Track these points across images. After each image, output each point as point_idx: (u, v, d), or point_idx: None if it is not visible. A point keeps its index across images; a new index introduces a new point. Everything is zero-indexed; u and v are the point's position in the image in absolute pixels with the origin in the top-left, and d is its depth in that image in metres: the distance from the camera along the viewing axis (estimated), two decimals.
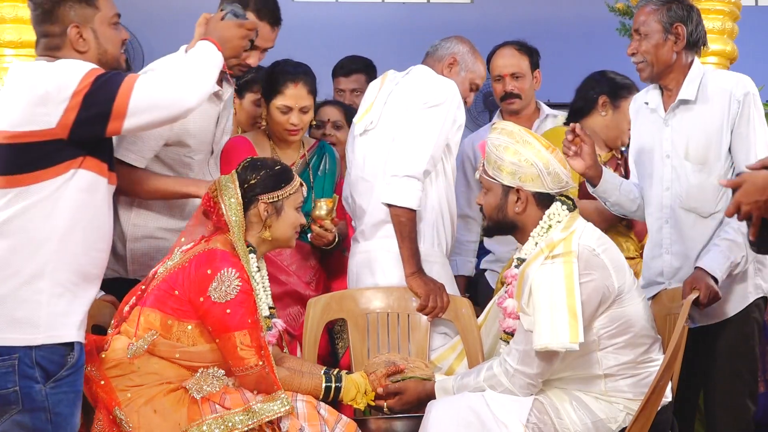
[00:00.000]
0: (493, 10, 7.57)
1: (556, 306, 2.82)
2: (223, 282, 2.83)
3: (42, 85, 2.46)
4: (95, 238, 2.56)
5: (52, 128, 2.44)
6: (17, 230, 2.45)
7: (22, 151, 2.45)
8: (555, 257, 2.88)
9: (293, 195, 3.04)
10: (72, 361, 2.49)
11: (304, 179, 3.55)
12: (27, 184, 2.45)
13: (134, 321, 2.90)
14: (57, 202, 2.46)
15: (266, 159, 3.15)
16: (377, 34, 7.26)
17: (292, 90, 3.58)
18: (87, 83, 2.45)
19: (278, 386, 2.84)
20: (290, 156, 3.68)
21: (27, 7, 4.37)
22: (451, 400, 2.96)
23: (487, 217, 3.12)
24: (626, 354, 2.93)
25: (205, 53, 2.74)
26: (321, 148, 3.80)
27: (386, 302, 3.47)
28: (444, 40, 3.68)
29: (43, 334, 2.44)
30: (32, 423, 2.42)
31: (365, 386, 3.11)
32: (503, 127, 3.10)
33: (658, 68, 3.30)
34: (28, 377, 2.42)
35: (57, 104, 2.43)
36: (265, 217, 2.99)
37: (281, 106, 3.58)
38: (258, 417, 2.76)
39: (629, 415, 2.89)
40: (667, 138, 3.32)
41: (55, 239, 2.46)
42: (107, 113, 2.46)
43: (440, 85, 3.50)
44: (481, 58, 3.69)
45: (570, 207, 3.04)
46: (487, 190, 3.09)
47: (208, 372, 2.84)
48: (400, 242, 3.37)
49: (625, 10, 5.54)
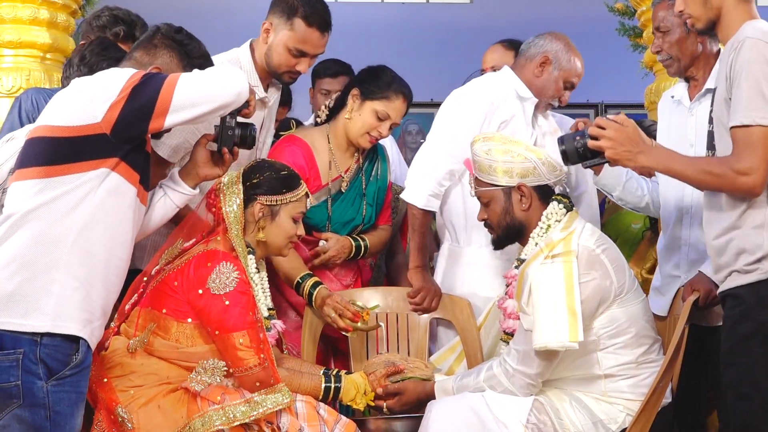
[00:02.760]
0: (492, 10, 7.58)
1: (556, 305, 2.82)
2: (221, 274, 2.83)
3: (94, 84, 2.58)
4: (115, 244, 2.58)
5: (97, 122, 2.51)
6: (40, 219, 2.49)
7: (62, 145, 2.52)
8: (554, 257, 2.88)
9: (293, 203, 3.02)
10: (77, 360, 2.50)
11: (356, 185, 3.57)
12: (59, 174, 2.51)
13: (133, 322, 2.91)
14: (83, 198, 2.51)
15: (276, 162, 3.14)
16: (377, 34, 7.26)
17: (398, 103, 3.49)
18: (134, 81, 2.54)
19: (278, 380, 2.83)
20: (346, 160, 3.59)
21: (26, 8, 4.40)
22: (451, 401, 2.96)
23: (495, 228, 3.09)
24: (626, 354, 2.93)
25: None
26: (374, 152, 3.69)
27: (386, 302, 3.46)
28: (537, 37, 3.59)
29: (49, 323, 2.45)
30: (31, 419, 2.44)
31: (365, 386, 3.10)
32: (484, 137, 3.13)
33: (684, 62, 3.29)
34: (31, 373, 2.44)
35: (104, 100, 2.52)
36: (258, 217, 2.99)
37: (382, 111, 3.48)
38: (260, 408, 2.75)
39: (629, 415, 2.89)
40: (692, 127, 3.30)
41: (73, 233, 2.50)
42: (151, 108, 2.52)
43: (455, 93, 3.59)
44: (578, 54, 3.57)
45: (567, 206, 3.05)
46: (488, 202, 3.08)
47: (207, 363, 2.84)
48: (410, 235, 3.46)
49: (625, 10, 5.54)
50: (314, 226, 3.50)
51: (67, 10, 4.57)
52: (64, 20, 4.53)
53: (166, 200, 2.83)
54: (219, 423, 2.71)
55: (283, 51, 3.33)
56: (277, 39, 3.33)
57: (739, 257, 2.60)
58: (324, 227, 3.52)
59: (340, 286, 3.54)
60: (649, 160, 2.67)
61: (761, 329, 2.55)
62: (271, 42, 3.34)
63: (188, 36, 2.83)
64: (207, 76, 2.62)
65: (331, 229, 3.52)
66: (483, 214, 3.12)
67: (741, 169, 2.54)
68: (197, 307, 2.83)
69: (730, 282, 2.64)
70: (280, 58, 3.34)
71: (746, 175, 2.54)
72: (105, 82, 2.56)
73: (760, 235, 2.57)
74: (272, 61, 3.36)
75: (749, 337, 2.57)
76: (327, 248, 3.47)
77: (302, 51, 3.33)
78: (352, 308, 3.23)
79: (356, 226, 3.56)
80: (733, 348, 2.62)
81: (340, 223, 3.54)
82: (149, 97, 2.52)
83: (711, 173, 2.60)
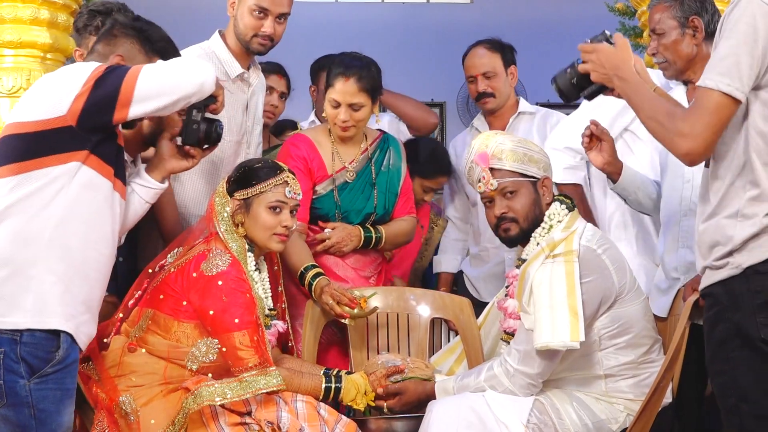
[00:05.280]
0: (492, 10, 7.57)
1: (557, 305, 2.82)
2: (214, 258, 2.86)
3: (58, 78, 2.60)
4: (93, 238, 2.58)
5: (62, 115, 2.52)
6: (16, 216, 2.49)
7: (30, 140, 2.54)
8: (556, 257, 2.88)
9: (264, 194, 3.02)
10: (59, 357, 2.50)
11: (365, 175, 3.55)
12: (30, 170, 2.51)
13: (134, 321, 2.91)
14: (57, 193, 2.51)
15: (255, 159, 3.18)
16: (377, 34, 7.25)
17: (341, 85, 3.46)
18: (97, 73, 2.55)
19: (270, 363, 2.83)
20: (351, 151, 3.58)
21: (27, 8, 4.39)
22: (451, 401, 2.96)
23: (521, 221, 3.03)
24: (627, 354, 2.93)
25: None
26: (384, 142, 3.66)
27: (386, 302, 3.46)
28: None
29: (30, 319, 2.46)
30: (16, 417, 2.44)
31: (365, 386, 3.10)
32: (495, 132, 3.18)
33: (681, 64, 3.25)
34: (13, 372, 2.44)
35: (69, 93, 2.53)
36: (234, 213, 3.01)
37: (331, 99, 3.48)
38: (251, 388, 2.76)
39: (630, 415, 2.89)
40: None
41: (50, 228, 2.50)
42: (114, 99, 2.53)
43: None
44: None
45: (569, 206, 3.05)
46: (513, 192, 3.02)
47: (201, 342, 2.84)
48: None
49: (625, 10, 5.53)
50: (323, 216, 3.53)
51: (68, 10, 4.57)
52: (65, 20, 4.52)
53: (134, 196, 2.82)
54: (208, 399, 2.72)
55: (246, 14, 3.44)
56: (240, 7, 3.45)
57: (712, 250, 2.36)
58: (333, 217, 3.53)
59: (357, 276, 3.55)
60: (620, 85, 2.56)
61: (737, 332, 2.30)
62: (237, 12, 3.46)
63: (147, 22, 2.86)
64: (170, 67, 2.63)
65: (341, 218, 3.53)
66: (502, 208, 3.04)
67: (682, 129, 2.33)
68: (196, 305, 2.84)
69: (705, 280, 2.40)
70: (246, 22, 3.45)
71: (683, 137, 2.33)
72: (69, 75, 2.58)
73: (733, 226, 2.33)
74: (240, 30, 3.47)
75: (725, 341, 2.33)
76: (329, 235, 3.49)
77: (263, 8, 3.42)
78: (349, 295, 3.23)
79: (368, 214, 3.56)
80: (713, 356, 2.38)
81: (351, 211, 3.55)
82: (112, 88, 2.53)
83: (657, 121, 2.42)
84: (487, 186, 3.04)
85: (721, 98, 2.30)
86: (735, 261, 2.31)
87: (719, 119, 2.32)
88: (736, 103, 2.30)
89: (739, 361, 2.30)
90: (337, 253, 3.52)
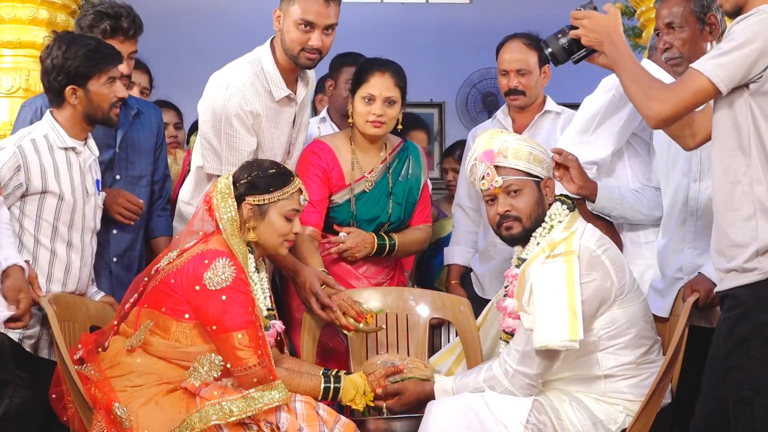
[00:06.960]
0: (492, 10, 7.55)
1: (556, 304, 2.82)
2: (217, 270, 2.83)
3: None
4: None
5: None
6: None
7: None
8: (556, 257, 2.88)
9: (282, 201, 3.00)
10: None
11: (382, 185, 3.56)
12: None
13: (133, 322, 2.91)
14: None
15: (265, 161, 3.13)
16: (377, 34, 7.24)
17: (377, 79, 3.47)
18: None
19: (276, 377, 2.83)
20: (371, 159, 3.58)
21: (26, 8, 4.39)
22: (451, 401, 2.95)
23: (525, 220, 3.00)
24: (626, 355, 2.93)
25: None
26: (404, 151, 3.65)
27: (386, 302, 3.46)
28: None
29: None
30: None
31: (364, 387, 3.10)
32: (500, 130, 3.16)
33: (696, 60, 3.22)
34: None
35: None
36: (248, 218, 2.99)
37: (366, 94, 3.47)
38: (257, 404, 2.75)
39: (629, 416, 2.89)
40: None
41: None
42: None
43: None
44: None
45: (570, 207, 3.04)
46: (518, 190, 3.00)
47: (204, 359, 2.84)
48: None
49: (625, 10, 5.53)
50: (339, 224, 3.54)
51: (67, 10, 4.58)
52: (64, 20, 4.53)
53: None
54: (216, 418, 2.71)
55: (293, 29, 3.35)
56: (286, 21, 3.36)
57: (737, 252, 2.51)
58: (348, 225, 3.55)
59: (368, 284, 3.55)
60: (609, 48, 2.71)
61: (760, 331, 2.48)
62: (283, 26, 3.37)
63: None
64: None
65: (355, 226, 3.54)
66: (505, 206, 3.02)
67: (659, 96, 2.53)
68: (195, 306, 2.84)
69: (729, 282, 2.55)
70: (292, 36, 3.36)
71: (657, 101, 2.53)
72: None
73: (755, 227, 2.48)
74: (287, 45, 3.38)
75: (747, 339, 2.50)
76: (342, 240, 3.49)
77: (308, 21, 3.34)
78: (356, 308, 3.23)
79: (382, 224, 3.57)
80: (731, 351, 2.54)
81: (364, 220, 3.55)
82: None
83: (638, 83, 2.60)
84: (492, 183, 3.02)
85: (707, 84, 2.48)
86: (763, 266, 2.48)
87: (695, 101, 2.52)
88: (716, 94, 2.49)
89: (758, 358, 2.49)
90: (350, 258, 3.52)
